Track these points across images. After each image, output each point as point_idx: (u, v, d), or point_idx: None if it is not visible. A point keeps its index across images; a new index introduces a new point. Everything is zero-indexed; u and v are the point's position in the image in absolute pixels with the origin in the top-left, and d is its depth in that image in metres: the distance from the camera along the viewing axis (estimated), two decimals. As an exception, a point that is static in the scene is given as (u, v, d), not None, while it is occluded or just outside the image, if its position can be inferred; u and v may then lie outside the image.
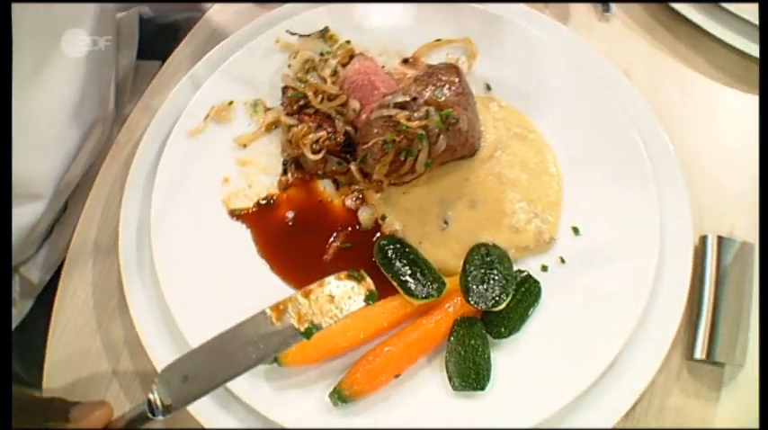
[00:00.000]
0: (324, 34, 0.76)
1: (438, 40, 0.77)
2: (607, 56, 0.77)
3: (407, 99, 0.64)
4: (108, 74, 0.81)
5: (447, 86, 0.66)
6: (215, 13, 0.85)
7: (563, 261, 0.66)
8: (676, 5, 0.80)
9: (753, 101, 0.80)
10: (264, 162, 0.71)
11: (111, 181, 0.74)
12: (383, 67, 0.75)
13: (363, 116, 0.69)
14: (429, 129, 0.64)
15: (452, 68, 0.68)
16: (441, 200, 0.68)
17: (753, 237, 0.68)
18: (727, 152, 0.76)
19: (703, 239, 0.68)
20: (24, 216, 0.71)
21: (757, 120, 0.77)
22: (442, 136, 0.65)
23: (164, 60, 0.84)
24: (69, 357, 0.66)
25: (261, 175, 0.71)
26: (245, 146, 0.71)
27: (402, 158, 0.65)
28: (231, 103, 0.73)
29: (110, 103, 0.81)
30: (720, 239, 0.67)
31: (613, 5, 0.82)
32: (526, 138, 0.71)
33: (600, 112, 0.71)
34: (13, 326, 0.78)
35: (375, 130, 0.65)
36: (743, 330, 0.65)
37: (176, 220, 0.66)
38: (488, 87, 0.75)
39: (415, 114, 0.64)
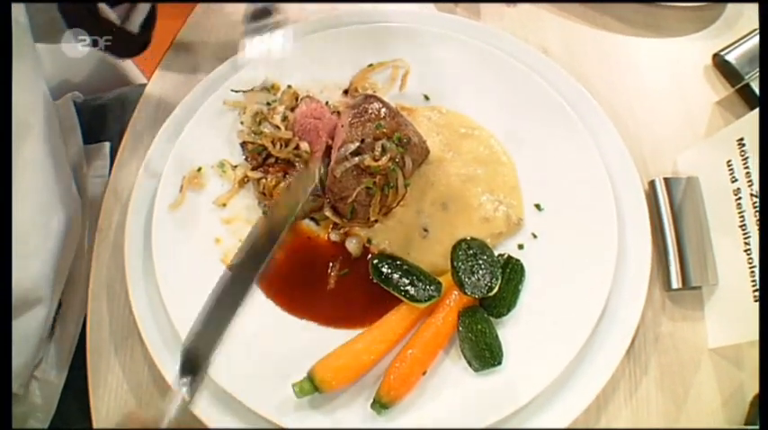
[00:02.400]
0: (268, 89, 0.85)
1: (370, 65, 0.87)
2: (523, 39, 0.88)
3: (358, 144, 0.74)
4: (65, 167, 0.85)
5: (380, 115, 0.76)
6: (154, 85, 0.92)
7: (535, 236, 0.78)
8: None
9: (661, 44, 0.93)
10: (246, 215, 0.80)
11: (105, 268, 0.80)
12: (327, 102, 0.84)
13: (316, 156, 0.78)
14: (393, 158, 0.74)
15: (370, 98, 0.78)
16: (416, 211, 0.79)
17: (695, 171, 0.81)
18: (652, 98, 0.89)
19: (652, 184, 0.81)
20: (31, 323, 0.76)
21: (677, 60, 0.91)
22: (405, 157, 0.76)
23: (111, 140, 0.91)
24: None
25: (247, 228, 0.78)
26: (224, 205, 0.79)
27: (386, 192, 0.76)
28: (200, 169, 0.80)
29: (72, 193, 0.85)
30: (667, 180, 0.81)
31: None
32: (472, 135, 0.83)
33: (527, 92, 0.83)
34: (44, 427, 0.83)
35: (350, 183, 0.75)
36: (709, 253, 0.78)
37: (185, 292, 0.72)
38: (426, 98, 0.86)
39: (376, 153, 0.74)
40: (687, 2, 0.92)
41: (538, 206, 0.80)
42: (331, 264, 0.78)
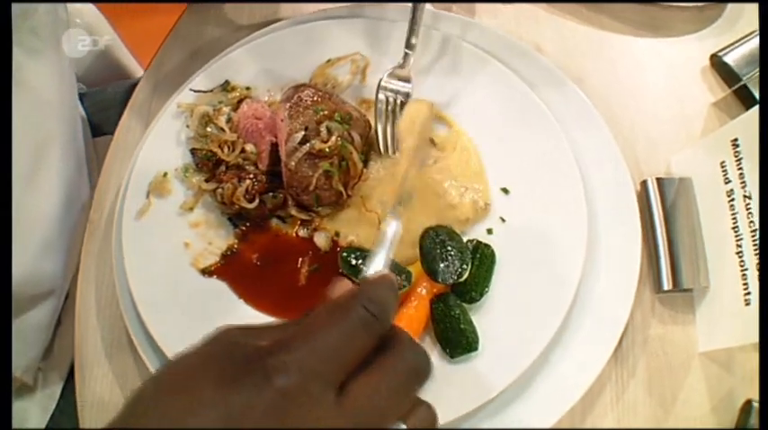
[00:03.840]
0: (225, 87, 0.87)
1: (328, 60, 0.90)
2: (518, 37, 0.90)
3: (303, 133, 0.77)
4: (83, 160, 0.92)
5: (315, 100, 0.79)
6: (146, 82, 0.96)
7: (503, 220, 0.80)
8: None
9: (664, 45, 0.95)
10: (214, 218, 0.82)
11: (95, 261, 0.84)
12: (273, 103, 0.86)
13: (263, 156, 0.81)
14: (341, 136, 0.77)
15: (300, 86, 0.81)
16: (379, 202, 0.81)
17: (689, 171, 0.82)
18: (648, 99, 0.90)
19: (644, 184, 0.83)
20: (44, 314, 0.82)
21: (674, 60, 0.93)
22: (352, 132, 0.79)
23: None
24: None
25: (216, 231, 0.81)
26: (191, 209, 0.82)
27: (345, 167, 0.78)
28: (165, 174, 0.83)
29: (85, 186, 0.92)
30: (659, 180, 0.82)
31: None
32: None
33: (499, 84, 0.85)
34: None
35: (307, 171, 0.77)
36: (701, 255, 0.78)
37: (158, 296, 0.76)
38: None
39: (322, 136, 0.77)
40: (686, 2, 0.94)
41: (505, 190, 0.82)
42: (301, 260, 0.80)
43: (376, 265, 0.51)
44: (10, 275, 0.71)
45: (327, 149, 0.77)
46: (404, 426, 0.40)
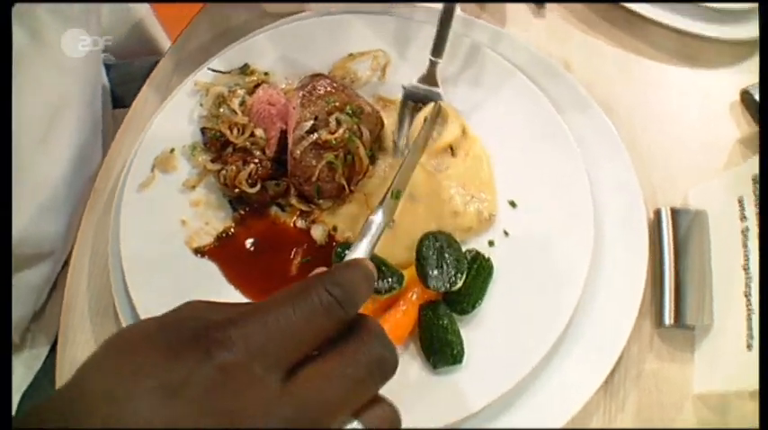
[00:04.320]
0: (244, 70, 0.87)
1: (350, 54, 0.89)
2: (546, 52, 0.88)
3: (312, 122, 0.76)
4: (99, 126, 0.93)
5: (329, 91, 0.78)
6: (169, 58, 0.96)
7: (506, 234, 0.77)
8: None
9: (696, 76, 0.92)
10: (214, 199, 0.81)
11: (94, 228, 0.84)
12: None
13: (272, 142, 0.80)
14: (350, 129, 0.76)
15: (317, 76, 0.80)
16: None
17: (705, 205, 0.79)
18: (673, 128, 0.88)
19: (657, 212, 0.80)
20: (37, 276, 0.83)
21: (704, 92, 0.91)
22: (361, 126, 0.77)
23: None
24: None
25: (214, 212, 0.81)
26: (193, 188, 0.81)
27: (350, 161, 0.77)
28: (172, 150, 0.83)
29: (98, 152, 0.93)
30: (674, 211, 0.79)
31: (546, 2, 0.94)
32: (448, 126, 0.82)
33: (523, 98, 0.83)
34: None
35: (311, 161, 0.76)
36: (707, 292, 0.75)
37: (148, 269, 0.76)
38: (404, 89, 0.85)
39: (331, 126, 0.76)
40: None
41: (512, 203, 0.79)
42: (294, 251, 0.79)
43: (356, 255, 0.49)
44: (10, 270, 0.72)
45: (334, 141, 0.76)
46: (356, 424, 0.38)
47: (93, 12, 0.88)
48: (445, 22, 0.82)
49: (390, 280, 0.72)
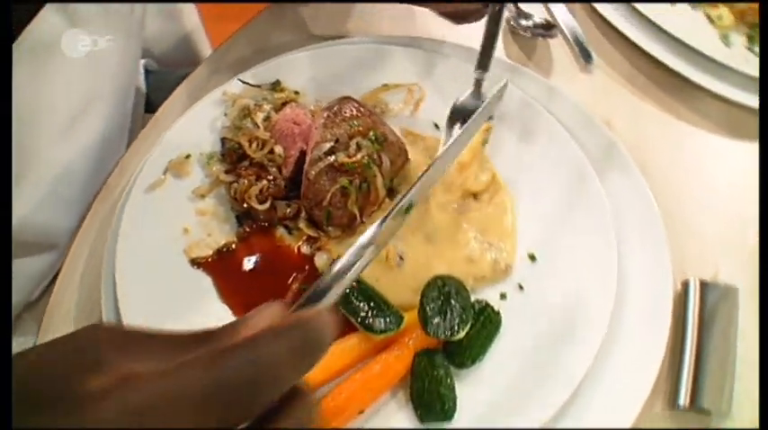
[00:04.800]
0: (275, 87, 0.85)
1: (385, 85, 0.86)
2: (589, 107, 0.84)
3: (331, 144, 0.73)
4: (125, 128, 0.93)
5: (354, 114, 0.75)
6: (205, 67, 0.95)
7: (521, 288, 0.72)
8: (658, 55, 0.89)
9: (739, 148, 0.87)
10: (222, 211, 0.78)
11: (97, 226, 0.81)
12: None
13: (290, 161, 0.77)
14: (370, 155, 0.72)
15: (345, 98, 0.77)
16: (395, 236, 0.75)
17: (737, 281, 0.73)
18: (711, 197, 0.82)
19: (685, 284, 0.73)
20: (36, 265, 0.80)
21: (746, 165, 0.85)
22: (382, 155, 0.73)
23: None
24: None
25: (219, 224, 0.77)
26: (203, 197, 0.79)
27: (365, 190, 0.73)
28: (188, 156, 0.80)
29: (121, 152, 0.91)
30: (703, 283, 0.72)
31: (594, 57, 0.86)
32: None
33: (560, 153, 0.79)
34: None
35: (325, 184, 0.72)
36: (729, 376, 0.68)
37: (140, 273, 0.72)
38: (437, 126, 0.83)
39: (350, 150, 0.72)
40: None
41: (532, 257, 0.74)
42: (294, 276, 0.74)
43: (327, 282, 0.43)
44: (10, 269, 0.70)
45: (350, 165, 0.72)
46: None
47: (134, 17, 0.88)
48: (491, 35, 0.79)
49: (388, 320, 0.67)
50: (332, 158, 0.72)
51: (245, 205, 0.76)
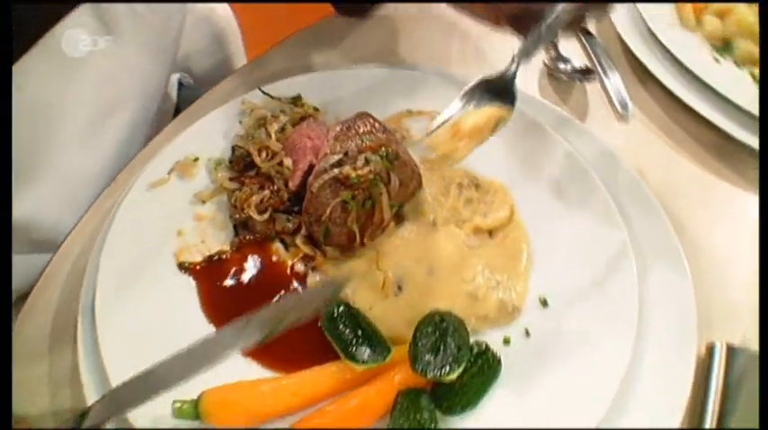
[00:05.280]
0: (295, 101, 0.82)
1: (408, 110, 0.83)
2: (622, 154, 0.79)
3: (340, 156, 0.68)
4: (146, 135, 0.91)
5: (369, 130, 0.70)
6: (235, 77, 0.95)
7: (528, 334, 0.64)
8: (699, 109, 0.84)
9: None
10: (220, 219, 0.74)
11: (99, 219, 0.77)
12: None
13: (297, 174, 0.73)
14: (378, 172, 0.67)
15: (363, 114, 0.73)
16: (395, 263, 0.69)
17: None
18: (744, 259, 0.75)
19: (710, 347, 0.65)
20: (33, 263, 0.77)
21: None
22: (392, 174, 0.68)
23: None
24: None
25: (215, 231, 0.73)
26: (203, 202, 0.75)
27: (369, 208, 0.68)
28: (196, 159, 0.77)
29: None
30: (730, 348, 0.65)
31: (631, 106, 0.85)
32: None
33: (587, 196, 0.73)
34: None
35: (326, 197, 0.67)
36: None
37: (124, 268, 0.68)
38: None
39: (358, 163, 0.67)
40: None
41: (543, 301, 0.66)
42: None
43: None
44: (10, 269, 0.67)
45: (355, 179, 0.67)
46: None
47: (168, 31, 0.89)
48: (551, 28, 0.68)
49: (373, 350, 0.61)
50: (336, 171, 0.67)
51: (243, 213, 0.72)
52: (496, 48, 0.95)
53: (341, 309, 0.64)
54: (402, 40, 0.99)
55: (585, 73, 0.89)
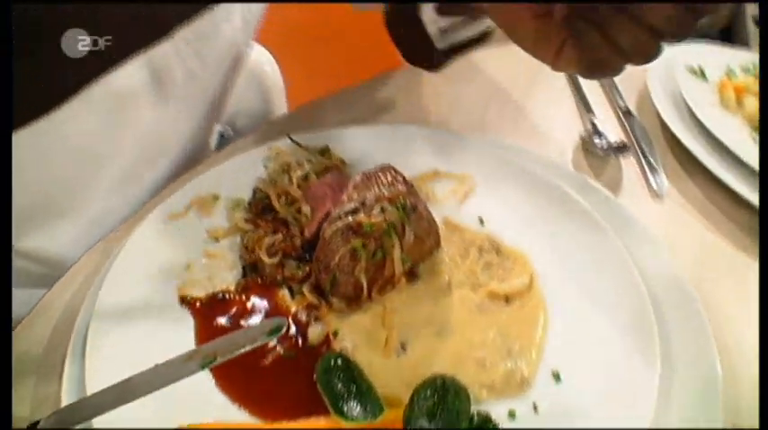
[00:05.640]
0: (323, 152, 0.82)
1: (436, 170, 0.82)
2: (655, 232, 0.75)
3: (356, 205, 0.66)
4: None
5: (389, 181, 0.68)
6: (275, 123, 0.96)
7: (536, 409, 0.58)
8: (737, 189, 0.81)
9: None
10: (231, 258, 0.72)
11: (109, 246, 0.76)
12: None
13: (314, 222, 0.71)
14: (393, 223, 0.64)
15: (387, 167, 0.71)
16: (402, 322, 0.65)
17: None
18: None
19: None
20: (30, 293, 0.75)
21: None
22: (407, 226, 0.65)
23: None
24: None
25: (224, 271, 0.71)
26: (217, 239, 0.74)
27: (380, 258, 0.65)
28: (217, 198, 0.77)
29: None
30: None
31: (666, 184, 0.84)
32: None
33: (614, 272, 0.68)
34: None
35: (336, 244, 0.65)
36: None
37: (124, 296, 0.66)
38: (481, 222, 0.76)
39: (373, 212, 0.65)
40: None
41: (556, 376, 0.61)
42: (280, 341, 0.65)
43: None
44: (10, 268, 0.68)
45: (367, 227, 0.64)
46: None
47: (215, 86, 0.90)
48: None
49: (364, 407, 0.56)
50: (350, 218, 0.65)
51: (253, 255, 0.71)
52: (537, 114, 0.96)
53: (338, 361, 0.60)
54: (442, 101, 1.00)
55: (621, 149, 0.87)
